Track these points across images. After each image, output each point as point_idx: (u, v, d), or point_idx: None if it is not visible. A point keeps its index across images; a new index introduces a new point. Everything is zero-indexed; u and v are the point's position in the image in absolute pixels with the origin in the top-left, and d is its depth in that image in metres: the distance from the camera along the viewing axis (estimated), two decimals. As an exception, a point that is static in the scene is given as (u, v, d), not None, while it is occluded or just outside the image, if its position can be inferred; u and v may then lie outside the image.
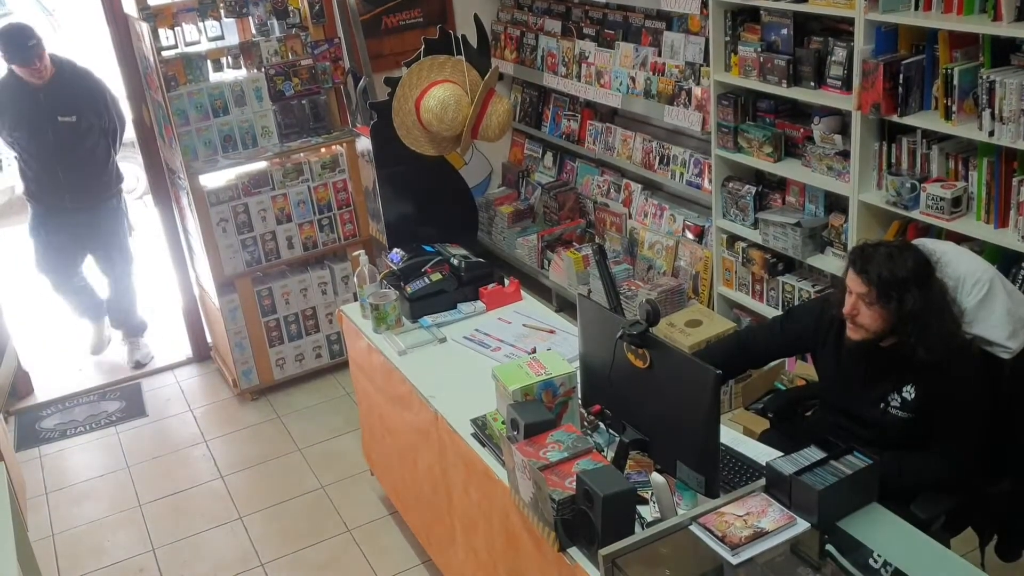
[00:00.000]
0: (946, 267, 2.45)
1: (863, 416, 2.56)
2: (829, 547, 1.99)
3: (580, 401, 2.58)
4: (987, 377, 2.45)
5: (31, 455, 4.45)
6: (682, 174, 4.52)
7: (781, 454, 2.20)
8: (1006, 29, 2.82)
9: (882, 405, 2.52)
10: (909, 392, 2.48)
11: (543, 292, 4.98)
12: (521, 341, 3.19)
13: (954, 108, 3.05)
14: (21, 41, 4.24)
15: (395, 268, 3.55)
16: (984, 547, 2.64)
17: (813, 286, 3.83)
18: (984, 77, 2.92)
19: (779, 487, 2.09)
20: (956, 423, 2.43)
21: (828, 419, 2.69)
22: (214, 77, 4.42)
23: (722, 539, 1.99)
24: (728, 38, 3.87)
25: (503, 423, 2.51)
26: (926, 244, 2.56)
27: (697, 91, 4.23)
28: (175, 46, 4.31)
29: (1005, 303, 2.46)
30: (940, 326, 2.37)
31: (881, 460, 2.36)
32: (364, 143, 4.06)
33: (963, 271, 2.48)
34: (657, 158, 4.67)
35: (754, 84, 3.77)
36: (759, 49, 3.72)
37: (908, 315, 2.35)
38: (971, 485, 2.49)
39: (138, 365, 5.06)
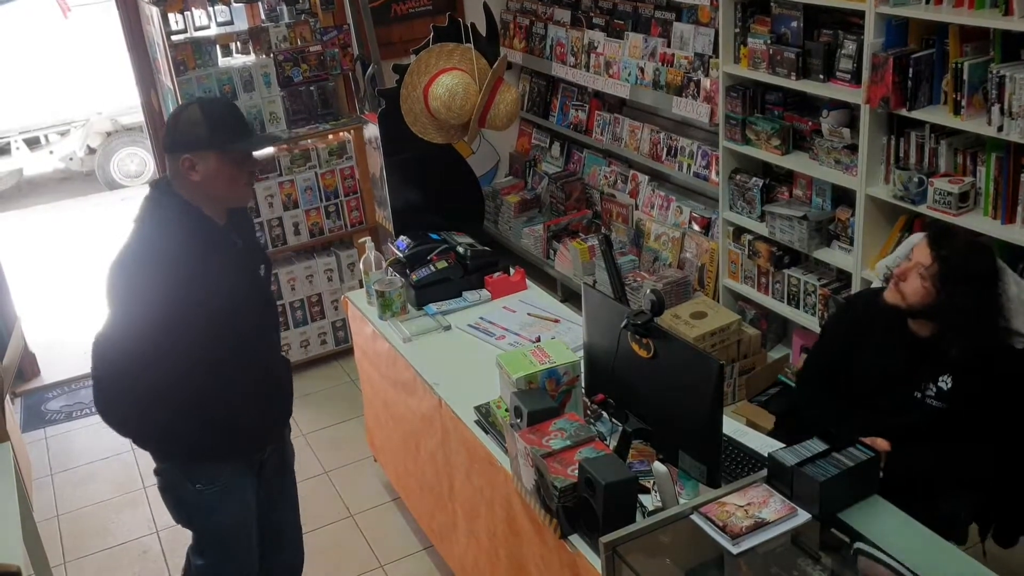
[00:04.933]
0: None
1: (899, 407, 2.53)
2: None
3: (583, 390, 2.59)
4: None
5: (37, 436, 4.47)
6: (689, 166, 4.52)
7: (783, 445, 2.20)
8: (1017, 24, 2.81)
9: (917, 395, 2.50)
10: (946, 382, 2.46)
11: (548, 282, 4.99)
12: (526, 330, 3.20)
13: (963, 103, 3.04)
14: (240, 114, 2.46)
15: (401, 255, 3.55)
16: (984, 537, 2.64)
17: (819, 279, 3.83)
18: (994, 72, 2.91)
19: (781, 478, 2.09)
20: (993, 419, 2.42)
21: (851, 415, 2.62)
22: (223, 62, 4.43)
23: (723, 529, 1.99)
24: (738, 30, 3.86)
25: (506, 410, 2.52)
26: None
27: (706, 83, 4.22)
28: (184, 31, 4.31)
29: (1016, 291, 2.47)
30: (981, 332, 2.37)
31: (915, 453, 2.38)
32: (372, 130, 4.06)
33: None
34: (664, 149, 4.66)
35: (763, 76, 3.76)
36: (769, 41, 3.71)
37: (955, 308, 2.35)
38: (998, 481, 2.49)
39: None
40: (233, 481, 2.58)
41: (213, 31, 4.39)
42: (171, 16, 4.23)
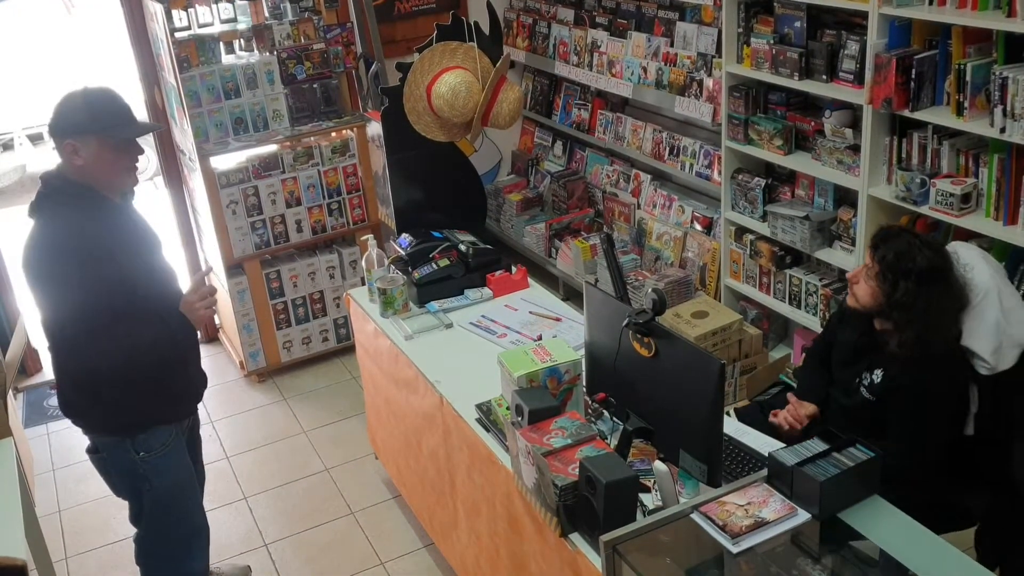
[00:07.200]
0: (972, 270, 2.48)
1: (845, 391, 2.67)
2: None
3: (585, 388, 2.60)
4: (960, 384, 2.47)
5: (39, 432, 4.48)
6: (692, 165, 4.52)
7: (784, 445, 2.21)
8: (1020, 25, 2.81)
9: (856, 381, 2.61)
10: (877, 375, 2.55)
11: (550, 280, 4.99)
12: (527, 328, 3.20)
13: (966, 104, 3.04)
14: (122, 102, 2.55)
15: (403, 253, 3.56)
16: (993, 569, 2.62)
17: (820, 280, 3.83)
18: (997, 73, 2.91)
19: (781, 478, 2.10)
20: (910, 418, 2.47)
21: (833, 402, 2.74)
22: (226, 59, 4.43)
23: (723, 528, 2.00)
24: (741, 29, 3.86)
25: (508, 409, 2.53)
26: (959, 250, 2.59)
27: (708, 82, 4.22)
28: (188, 28, 4.32)
29: (996, 316, 2.46)
30: (922, 328, 2.42)
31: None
32: (375, 128, 4.06)
33: (975, 278, 2.50)
34: (667, 149, 4.66)
35: (766, 76, 3.76)
36: (772, 41, 3.71)
37: (894, 303, 2.44)
38: (925, 485, 2.50)
39: None
40: (174, 442, 2.78)
41: (217, 28, 4.40)
42: (175, 13, 4.24)
